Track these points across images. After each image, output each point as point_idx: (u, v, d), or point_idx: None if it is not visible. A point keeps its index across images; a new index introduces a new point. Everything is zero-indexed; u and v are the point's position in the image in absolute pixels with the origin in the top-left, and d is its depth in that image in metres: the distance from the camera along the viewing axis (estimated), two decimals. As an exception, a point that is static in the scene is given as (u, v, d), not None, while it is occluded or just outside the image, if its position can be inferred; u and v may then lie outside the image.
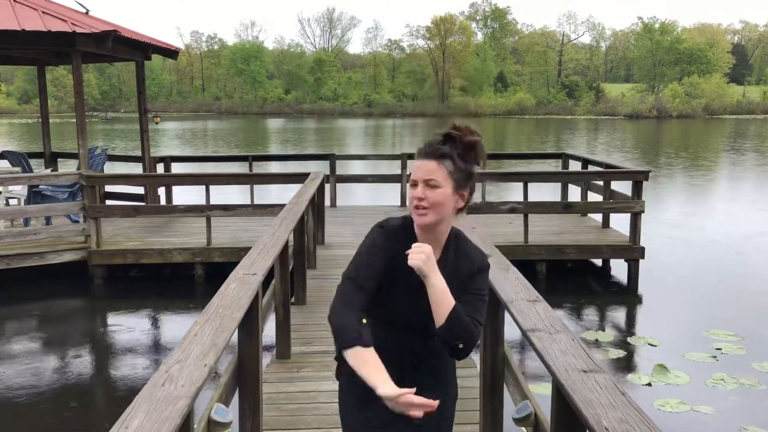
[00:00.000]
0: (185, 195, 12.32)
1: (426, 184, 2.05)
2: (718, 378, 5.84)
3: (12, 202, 10.37)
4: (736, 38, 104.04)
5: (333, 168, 11.95)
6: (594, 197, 10.54)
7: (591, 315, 8.03)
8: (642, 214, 8.94)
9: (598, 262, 9.82)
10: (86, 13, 10.46)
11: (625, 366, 6.27)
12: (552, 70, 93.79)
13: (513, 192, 14.69)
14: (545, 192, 12.78)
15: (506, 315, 3.13)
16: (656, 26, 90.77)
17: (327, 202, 10.75)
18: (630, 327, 7.72)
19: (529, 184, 10.33)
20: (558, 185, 11.80)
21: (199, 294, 8.55)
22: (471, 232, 4.31)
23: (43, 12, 9.04)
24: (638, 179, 8.99)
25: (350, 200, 13.45)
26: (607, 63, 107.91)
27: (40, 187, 9.76)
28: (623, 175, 9.72)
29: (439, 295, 2.01)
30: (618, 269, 9.52)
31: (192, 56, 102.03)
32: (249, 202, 10.83)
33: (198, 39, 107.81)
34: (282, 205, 6.53)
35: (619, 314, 8.23)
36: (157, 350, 6.96)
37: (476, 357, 3.67)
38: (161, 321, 8.03)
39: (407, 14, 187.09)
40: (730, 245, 11.30)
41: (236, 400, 3.22)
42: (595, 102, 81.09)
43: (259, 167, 16.97)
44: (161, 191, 11.59)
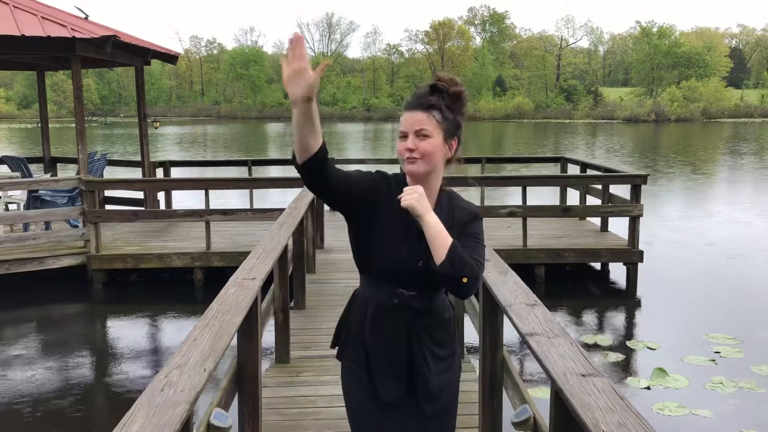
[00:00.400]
0: (185, 199, 12.33)
1: (416, 135, 2.07)
2: (717, 381, 5.84)
3: (11, 207, 10.38)
4: (734, 42, 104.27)
5: (332, 172, 11.95)
6: (593, 201, 10.55)
7: (590, 319, 8.03)
8: (640, 218, 8.95)
9: (597, 266, 9.83)
10: (86, 19, 10.48)
11: (624, 370, 6.27)
12: (550, 75, 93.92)
13: (512, 196, 14.71)
14: (544, 196, 12.79)
15: (505, 319, 3.14)
16: (654, 30, 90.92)
17: (326, 207, 10.76)
18: (629, 330, 7.72)
19: (528, 188, 10.35)
20: (557, 189, 11.81)
21: (199, 298, 8.55)
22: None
23: (43, 17, 9.06)
24: (637, 183, 9.01)
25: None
26: (606, 67, 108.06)
27: (40, 192, 9.76)
28: (622, 179, 9.73)
29: (436, 232, 2.02)
30: (617, 273, 9.53)
31: (191, 61, 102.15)
32: (248, 207, 10.85)
33: (197, 44, 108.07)
34: (281, 210, 6.54)
35: (618, 318, 8.23)
36: (157, 355, 6.96)
37: (475, 361, 3.68)
38: (160, 326, 8.02)
39: (406, 19, 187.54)
40: (729, 248, 11.31)
41: (235, 405, 3.22)
42: (594, 106, 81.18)
43: (259, 172, 16.97)
44: (161, 196, 11.60)
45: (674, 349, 6.68)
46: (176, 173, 12.63)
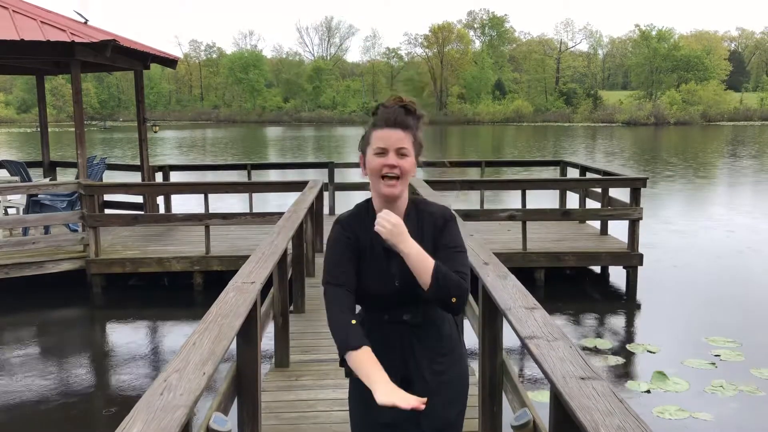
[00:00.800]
0: (184, 204, 12.33)
1: (397, 153, 2.09)
2: (717, 385, 5.84)
3: (11, 212, 10.37)
4: (733, 45, 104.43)
5: (332, 176, 11.97)
6: (592, 204, 10.55)
7: (589, 322, 8.03)
8: (640, 221, 8.95)
9: (597, 269, 9.83)
10: (85, 23, 10.49)
11: (624, 373, 6.26)
12: (550, 78, 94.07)
13: (511, 199, 14.72)
14: (543, 199, 12.79)
15: (504, 323, 3.14)
16: (653, 33, 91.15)
17: (326, 210, 10.77)
18: (629, 334, 7.72)
19: (528, 192, 10.35)
20: (556, 192, 11.81)
21: (198, 302, 8.54)
22: (469, 239, 4.33)
23: (42, 22, 9.07)
24: (636, 186, 9.01)
25: (349, 208, 13.41)
26: (605, 70, 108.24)
27: (39, 197, 9.76)
28: (621, 182, 9.73)
29: (416, 260, 2.04)
30: (616, 276, 9.52)
31: (191, 65, 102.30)
32: (248, 211, 10.83)
33: (196, 48, 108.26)
34: (281, 214, 6.53)
35: (618, 321, 8.22)
36: (156, 359, 6.95)
37: (475, 365, 3.67)
38: (160, 330, 8.02)
39: (405, 23, 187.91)
40: (729, 252, 11.31)
41: (235, 409, 3.22)
42: (593, 109, 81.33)
43: (258, 175, 16.97)
44: (160, 200, 11.60)
45: (674, 353, 6.68)
46: (175, 177, 12.63)
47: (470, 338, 5.05)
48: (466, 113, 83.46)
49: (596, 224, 10.49)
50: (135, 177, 12.17)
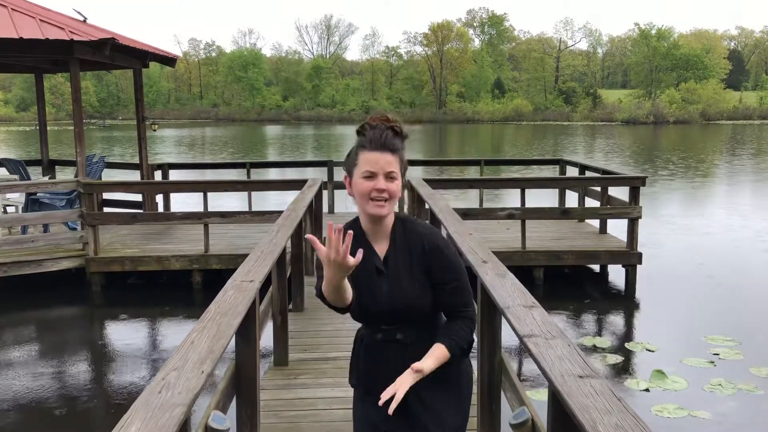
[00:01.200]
0: (183, 202, 12.32)
1: (386, 176, 2.09)
2: (716, 383, 5.84)
3: (10, 210, 10.36)
4: (733, 44, 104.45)
5: (331, 174, 11.96)
6: (591, 203, 10.55)
7: (588, 321, 8.03)
8: (639, 220, 8.95)
9: (596, 268, 9.83)
10: (84, 21, 10.48)
11: (623, 371, 6.27)
12: (549, 77, 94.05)
13: (510, 198, 14.72)
14: (543, 198, 12.79)
15: (503, 321, 3.14)
16: (653, 32, 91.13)
17: (325, 209, 10.76)
18: (627, 332, 7.72)
19: (527, 190, 10.34)
20: (555, 191, 11.81)
21: (197, 301, 8.54)
22: (468, 238, 4.32)
23: (41, 20, 9.06)
24: (635, 185, 9.01)
25: (348, 207, 13.38)
26: (604, 69, 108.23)
27: (38, 195, 9.75)
28: (620, 181, 9.73)
29: (435, 364, 2.11)
30: (615, 275, 9.53)
31: (190, 63, 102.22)
32: (247, 209, 10.84)
33: (196, 46, 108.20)
34: (280, 212, 6.53)
35: (617, 320, 8.23)
36: (155, 357, 6.95)
37: (474, 363, 3.67)
38: (159, 328, 8.02)
39: (405, 21, 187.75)
40: (728, 250, 11.32)
41: (234, 408, 3.22)
42: (593, 108, 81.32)
43: (257, 174, 16.96)
44: (159, 198, 11.59)
45: (673, 351, 6.68)
46: (175, 176, 12.62)
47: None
48: (466, 112, 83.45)
49: (595, 223, 10.49)
50: (134, 175, 12.17)
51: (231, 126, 74.87)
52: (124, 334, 7.72)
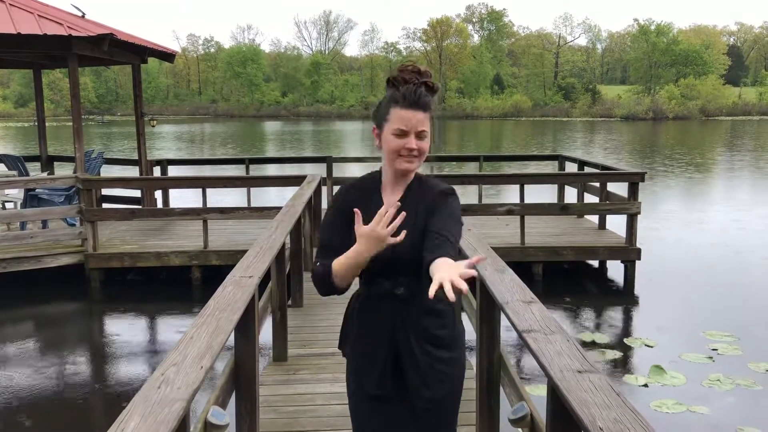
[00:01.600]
0: (182, 198, 12.31)
1: (417, 135, 2.09)
2: (715, 379, 5.85)
3: (8, 206, 10.36)
4: (732, 40, 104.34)
5: (330, 170, 11.95)
6: (590, 199, 10.56)
7: (587, 316, 8.04)
8: (638, 216, 8.96)
9: (595, 264, 9.84)
10: (82, 17, 10.46)
11: (622, 367, 6.28)
12: (548, 72, 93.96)
13: (509, 194, 14.72)
14: (542, 194, 12.79)
15: (502, 317, 3.14)
16: (652, 28, 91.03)
17: (324, 205, 10.75)
18: (626, 328, 7.73)
19: (526, 186, 10.36)
20: (554, 187, 11.81)
21: (196, 297, 8.55)
22: (467, 234, 4.32)
23: (39, 15, 9.03)
24: (634, 180, 9.02)
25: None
26: (604, 65, 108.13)
27: (37, 191, 9.74)
28: (619, 177, 9.74)
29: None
30: (614, 270, 9.54)
31: (188, 59, 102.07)
32: (246, 205, 10.83)
33: (194, 42, 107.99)
34: (279, 208, 6.53)
35: (616, 315, 8.24)
36: (154, 353, 6.95)
37: (472, 359, 3.68)
38: (158, 324, 8.02)
39: (404, 17, 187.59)
40: (727, 246, 11.33)
41: (233, 403, 3.22)
42: (592, 104, 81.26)
43: (256, 170, 16.95)
44: (158, 194, 11.58)
45: (672, 347, 6.70)
46: (173, 171, 12.61)
47: (468, 332, 5.07)
48: (465, 108, 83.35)
49: (594, 218, 10.49)
50: (133, 171, 12.17)
51: (230, 122, 74.79)
52: (123, 330, 7.72)
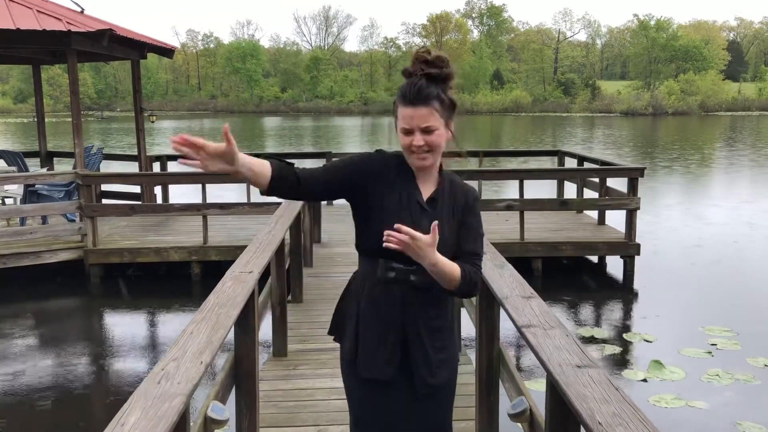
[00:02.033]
0: (181, 194, 12.30)
1: (423, 131, 2.05)
2: (713, 373, 5.86)
3: (8, 202, 10.36)
4: (732, 35, 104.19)
5: (329, 166, 11.95)
6: (590, 194, 10.55)
7: (587, 311, 8.05)
8: (638, 211, 8.96)
9: (594, 259, 9.84)
10: (81, 12, 10.44)
11: (621, 362, 6.29)
12: (548, 68, 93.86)
13: (509, 189, 14.72)
14: (541, 189, 12.80)
15: (501, 312, 3.15)
16: (652, 23, 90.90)
17: (324, 201, 10.75)
18: (625, 323, 7.74)
19: (525, 182, 10.35)
20: (554, 182, 11.81)
21: (196, 292, 8.55)
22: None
23: (38, 11, 9.02)
24: (634, 176, 9.01)
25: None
26: (603, 60, 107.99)
27: (36, 187, 9.74)
28: (619, 172, 9.74)
29: (442, 272, 2.02)
30: (614, 266, 9.54)
31: (188, 55, 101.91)
32: (245, 201, 10.82)
33: (194, 37, 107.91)
34: (278, 204, 6.53)
35: (615, 311, 8.25)
36: (154, 348, 6.96)
37: (472, 354, 3.68)
38: (158, 319, 8.03)
39: (403, 12, 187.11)
40: (726, 241, 11.33)
41: (233, 398, 3.23)
42: (591, 99, 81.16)
43: (256, 166, 16.90)
44: (157, 190, 11.57)
45: (671, 342, 6.71)
46: (173, 167, 12.59)
47: (467, 327, 5.08)
48: (464, 103, 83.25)
49: (594, 214, 10.49)
50: (132, 167, 12.14)
51: (229, 117, 74.67)
52: (123, 326, 7.73)
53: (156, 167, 12.11)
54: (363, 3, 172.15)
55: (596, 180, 10.15)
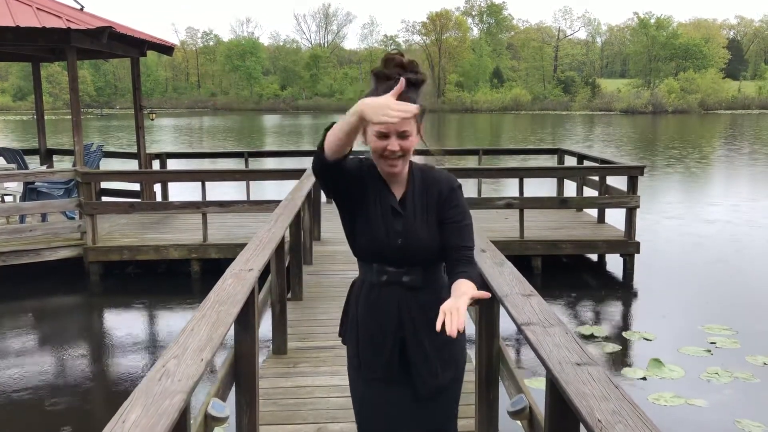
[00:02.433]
0: (181, 191, 12.31)
1: (399, 136, 2.05)
2: (713, 372, 5.87)
3: (8, 199, 10.36)
4: (732, 33, 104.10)
5: (329, 164, 11.94)
6: (589, 192, 10.56)
7: (586, 310, 8.06)
8: (637, 209, 8.97)
9: (594, 257, 9.85)
10: (81, 10, 10.43)
11: (621, 360, 6.30)
12: (548, 66, 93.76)
13: (509, 187, 14.72)
14: (541, 187, 12.80)
15: (501, 310, 3.15)
16: (652, 21, 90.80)
17: (323, 198, 10.75)
18: (625, 321, 7.76)
19: (525, 180, 10.35)
20: (554, 181, 11.82)
21: (196, 290, 8.56)
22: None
23: (38, 8, 9.01)
24: (633, 174, 9.02)
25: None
26: (603, 58, 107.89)
27: (36, 184, 9.74)
28: (619, 170, 9.74)
29: (472, 297, 1.98)
30: (613, 264, 9.55)
31: (187, 52, 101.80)
32: (245, 199, 10.82)
33: (193, 35, 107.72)
34: (278, 201, 6.53)
35: (615, 309, 8.25)
36: (154, 346, 6.97)
37: (471, 351, 3.69)
38: (158, 317, 8.03)
39: (403, 10, 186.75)
40: (726, 240, 11.34)
41: (233, 395, 3.23)
42: (591, 97, 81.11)
43: (255, 163, 16.95)
44: (157, 188, 11.58)
45: (670, 340, 6.71)
46: (173, 165, 12.62)
47: (467, 325, 5.08)
48: (464, 101, 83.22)
49: (593, 212, 10.50)
50: (132, 165, 12.15)
51: (229, 115, 74.65)
52: (123, 323, 7.74)
53: (156, 165, 12.10)
54: (363, 0, 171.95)
55: (596, 178, 10.15)
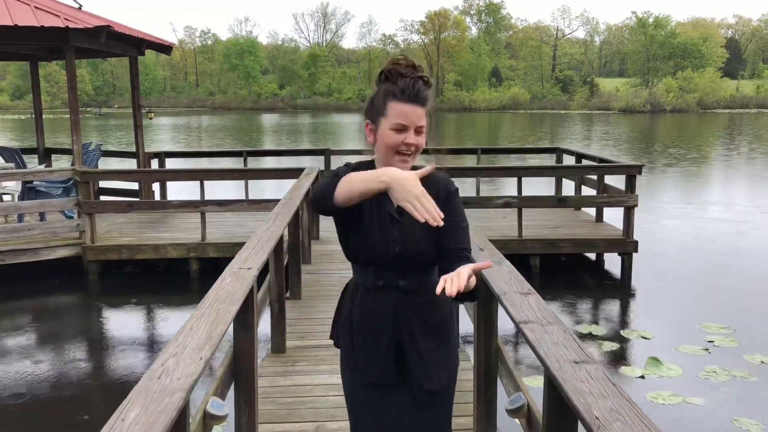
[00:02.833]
0: (180, 191, 12.31)
1: (416, 131, 2.06)
2: (711, 370, 5.89)
3: (6, 198, 10.35)
4: (730, 32, 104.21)
5: (328, 163, 11.96)
6: (588, 191, 10.57)
7: (584, 308, 8.07)
8: (635, 208, 8.98)
9: (592, 256, 9.86)
10: (79, 9, 10.43)
11: (619, 359, 6.31)
12: (546, 65, 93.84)
13: (507, 186, 14.73)
14: (539, 186, 12.80)
15: (499, 308, 3.15)
16: (650, 21, 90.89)
17: (322, 197, 10.76)
18: (623, 320, 7.76)
19: (523, 179, 10.36)
20: (552, 180, 11.82)
21: (194, 289, 8.56)
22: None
23: (36, 7, 9.01)
24: (631, 173, 9.03)
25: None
26: (601, 57, 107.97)
27: (34, 183, 9.73)
28: (617, 169, 9.75)
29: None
30: (611, 263, 9.56)
31: (185, 51, 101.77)
32: (243, 198, 10.82)
33: (191, 34, 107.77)
34: (277, 201, 6.53)
35: (613, 308, 8.27)
36: (153, 344, 6.97)
37: (470, 350, 3.69)
38: (156, 316, 8.03)
39: (401, 9, 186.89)
40: (724, 238, 11.36)
41: (232, 394, 3.24)
42: (589, 97, 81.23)
43: (254, 162, 16.93)
44: (155, 187, 11.57)
45: (668, 339, 6.73)
46: (171, 164, 12.61)
47: (465, 324, 5.09)
48: (463, 100, 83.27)
49: (592, 211, 10.51)
50: (130, 164, 12.15)
51: (227, 114, 74.61)
52: (122, 322, 7.73)
53: (154, 164, 12.10)
54: (361, 0, 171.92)
55: (594, 177, 10.16)
